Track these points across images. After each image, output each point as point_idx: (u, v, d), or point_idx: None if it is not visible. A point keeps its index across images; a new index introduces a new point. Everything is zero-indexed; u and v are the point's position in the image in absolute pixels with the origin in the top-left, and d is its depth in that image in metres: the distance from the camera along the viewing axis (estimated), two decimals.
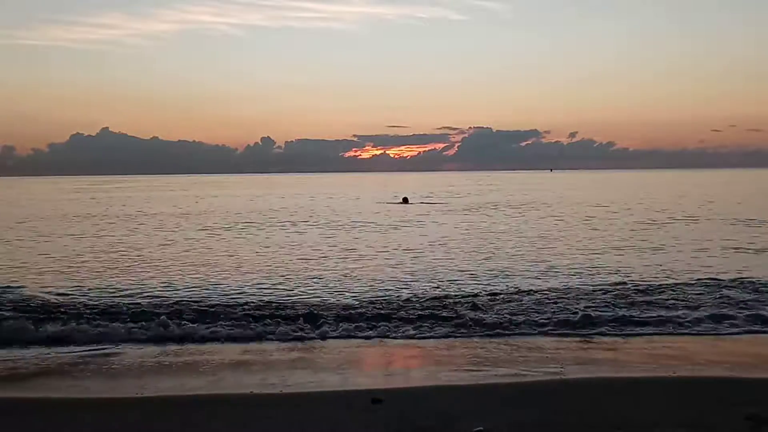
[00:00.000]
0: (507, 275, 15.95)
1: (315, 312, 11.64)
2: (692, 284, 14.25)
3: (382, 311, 11.88)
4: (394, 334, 10.62)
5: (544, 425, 6.44)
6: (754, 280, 14.53)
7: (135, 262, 19.15)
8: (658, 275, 15.58)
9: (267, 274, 16.39)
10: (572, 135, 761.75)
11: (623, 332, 10.60)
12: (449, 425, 6.40)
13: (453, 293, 13.65)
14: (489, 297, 13.03)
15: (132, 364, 9.34)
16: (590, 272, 16.14)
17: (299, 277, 16.07)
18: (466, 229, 28.38)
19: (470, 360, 9.29)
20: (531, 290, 13.74)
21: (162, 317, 11.28)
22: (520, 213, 38.55)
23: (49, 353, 9.84)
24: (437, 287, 14.35)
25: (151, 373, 8.98)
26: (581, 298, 12.77)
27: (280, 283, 15.15)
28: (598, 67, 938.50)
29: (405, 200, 51.61)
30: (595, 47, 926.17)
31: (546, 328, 10.76)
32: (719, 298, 12.66)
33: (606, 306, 12.15)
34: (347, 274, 16.53)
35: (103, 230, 29.87)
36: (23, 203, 58.75)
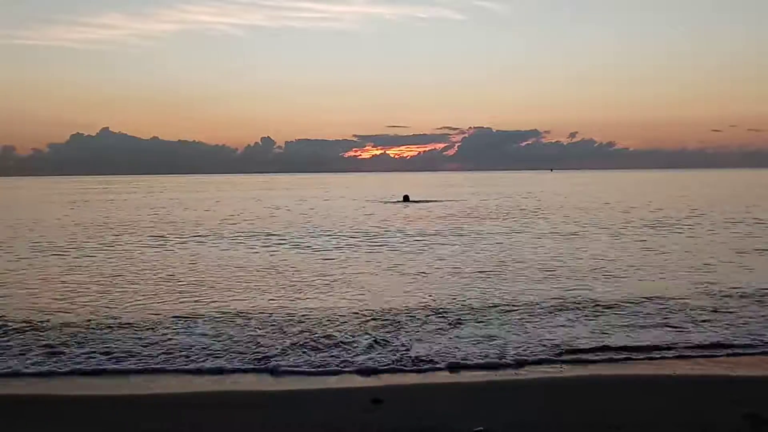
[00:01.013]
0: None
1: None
2: None
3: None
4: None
5: (543, 425, 6.44)
6: None
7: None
8: None
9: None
10: (572, 135, 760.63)
11: None
12: (449, 425, 6.39)
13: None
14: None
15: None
16: None
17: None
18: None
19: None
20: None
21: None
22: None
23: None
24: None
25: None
26: None
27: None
28: (599, 67, 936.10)
29: (406, 198, 51.73)
30: (595, 47, 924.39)
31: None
32: None
33: None
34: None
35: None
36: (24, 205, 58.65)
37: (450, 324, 11.08)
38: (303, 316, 11.69)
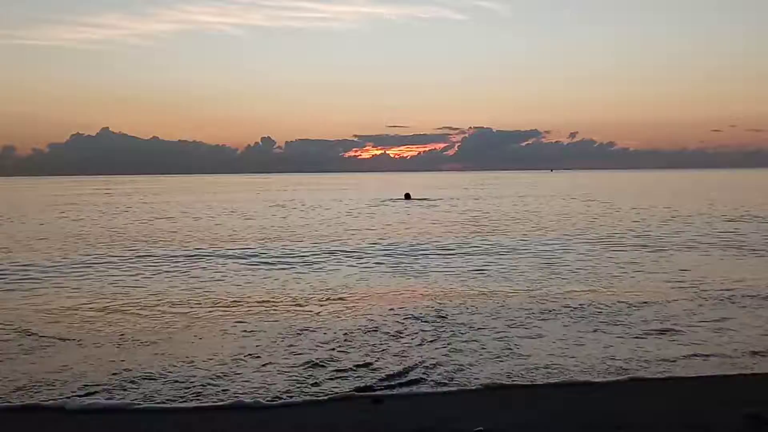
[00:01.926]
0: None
1: None
2: None
3: None
4: None
5: (543, 425, 6.44)
6: None
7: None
8: None
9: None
10: (572, 135, 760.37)
11: None
12: (449, 425, 6.39)
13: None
14: None
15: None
16: None
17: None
18: None
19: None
20: None
21: None
22: None
23: None
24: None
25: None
26: None
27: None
28: (598, 67, 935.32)
29: (407, 196, 51.99)
30: (595, 47, 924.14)
31: None
32: None
33: None
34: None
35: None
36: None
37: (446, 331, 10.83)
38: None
